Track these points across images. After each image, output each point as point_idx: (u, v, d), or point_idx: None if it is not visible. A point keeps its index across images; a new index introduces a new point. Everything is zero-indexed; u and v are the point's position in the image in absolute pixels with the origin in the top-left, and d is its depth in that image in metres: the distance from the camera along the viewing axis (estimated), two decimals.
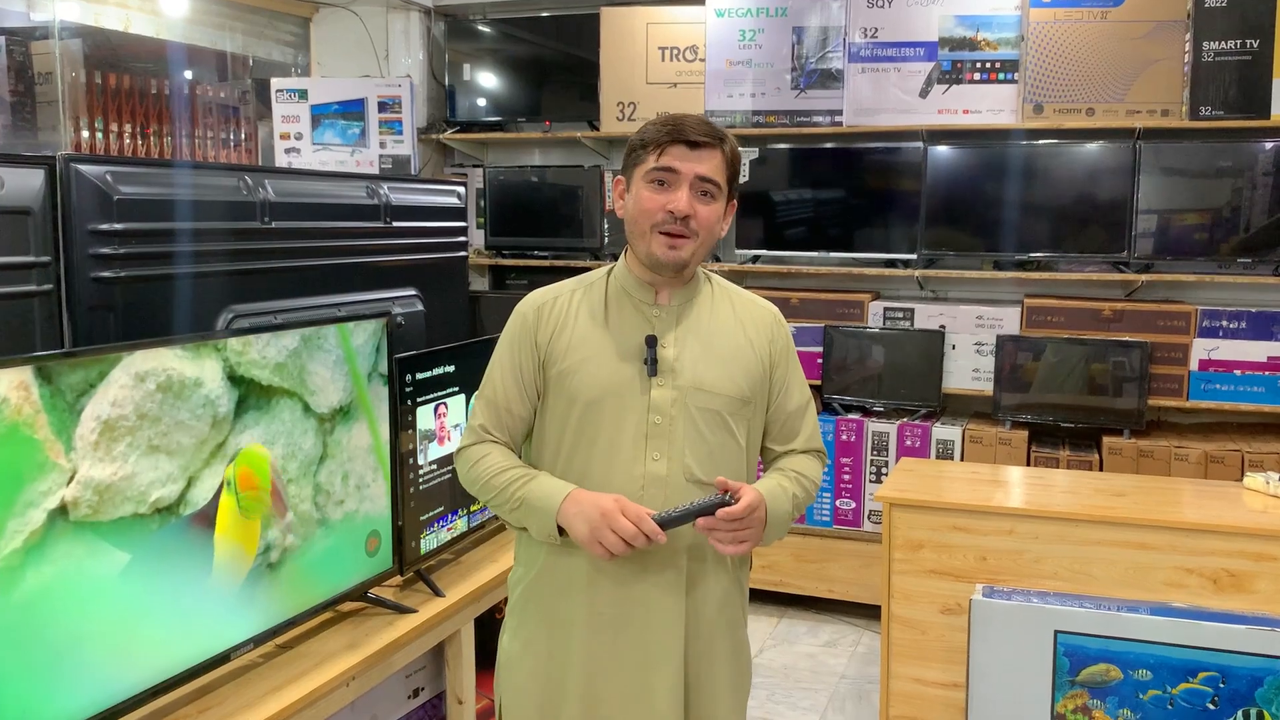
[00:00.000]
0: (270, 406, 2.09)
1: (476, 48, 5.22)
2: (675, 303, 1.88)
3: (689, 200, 1.78)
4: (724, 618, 1.92)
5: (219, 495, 1.96)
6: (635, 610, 1.83)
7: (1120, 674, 2.84)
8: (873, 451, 4.42)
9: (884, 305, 4.54)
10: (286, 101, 5.07)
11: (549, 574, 1.87)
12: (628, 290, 1.89)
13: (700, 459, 1.83)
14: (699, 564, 1.87)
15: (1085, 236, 4.29)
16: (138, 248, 2.08)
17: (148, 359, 1.82)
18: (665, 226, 1.79)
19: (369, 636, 2.22)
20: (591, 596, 1.83)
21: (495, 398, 1.89)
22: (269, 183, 2.42)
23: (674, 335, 1.86)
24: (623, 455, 1.81)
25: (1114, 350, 4.19)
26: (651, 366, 1.82)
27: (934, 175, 4.42)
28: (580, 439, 1.83)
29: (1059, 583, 3.13)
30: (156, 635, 1.85)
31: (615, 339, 1.85)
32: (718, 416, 1.85)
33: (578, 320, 1.86)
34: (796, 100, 4.60)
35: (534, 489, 1.80)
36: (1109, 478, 3.57)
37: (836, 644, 4.28)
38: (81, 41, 4.90)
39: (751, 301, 1.99)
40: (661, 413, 1.82)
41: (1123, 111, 4.20)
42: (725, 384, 1.86)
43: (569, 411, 1.83)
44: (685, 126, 1.79)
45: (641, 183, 1.81)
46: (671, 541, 1.82)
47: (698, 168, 1.78)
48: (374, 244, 2.77)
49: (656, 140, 1.79)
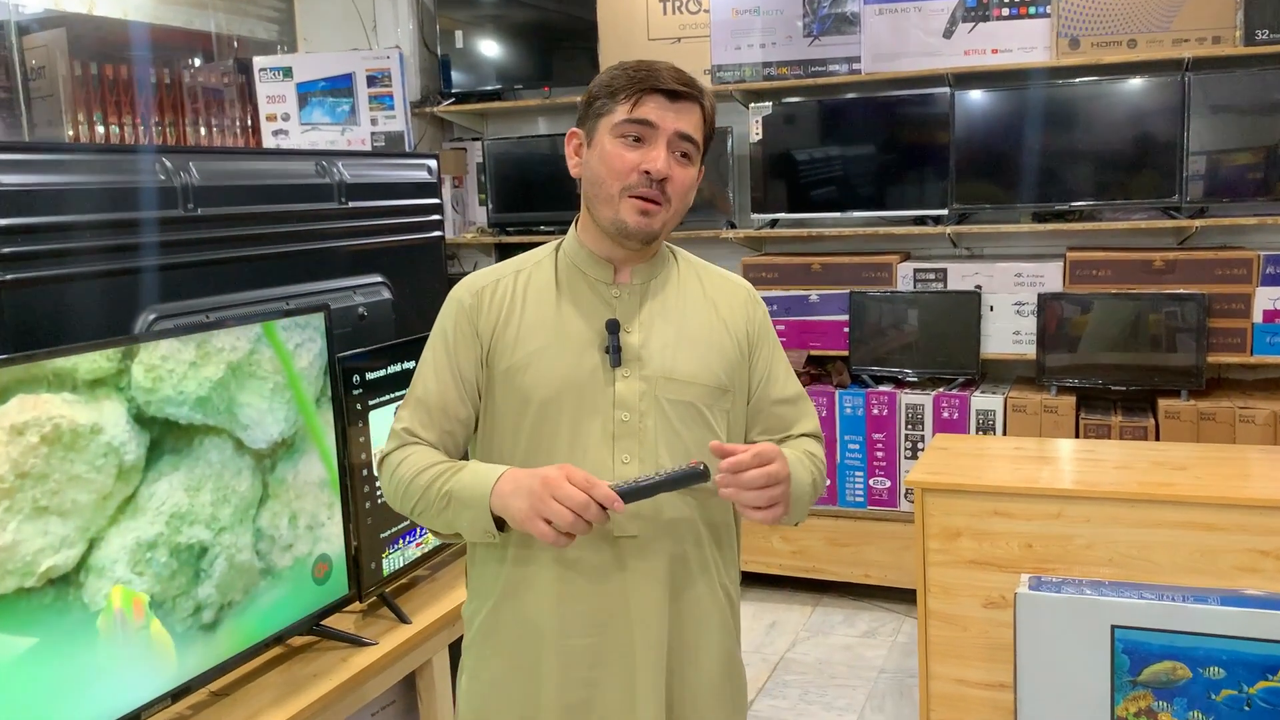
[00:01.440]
0: (192, 448, 1.84)
1: (469, 13, 4.92)
2: (638, 281, 1.62)
3: (667, 159, 1.52)
4: (715, 639, 1.66)
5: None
6: (612, 638, 1.57)
7: (1189, 672, 2.54)
8: (907, 425, 4.10)
9: (914, 266, 4.21)
10: (271, 81, 4.81)
11: (508, 603, 1.60)
12: (581, 268, 1.61)
13: (677, 458, 1.57)
14: (684, 572, 1.61)
15: (1131, 181, 3.93)
16: (25, 246, 1.82)
17: (26, 407, 1.57)
18: (638, 189, 1.52)
19: (318, 677, 1.96)
20: (561, 625, 1.57)
21: (428, 398, 1.61)
22: (194, 164, 2.15)
23: (638, 319, 1.59)
24: (587, 460, 1.54)
25: (1168, 304, 3.83)
26: (615, 355, 1.55)
27: (963, 122, 4.07)
28: (537, 444, 1.57)
29: (1115, 571, 2.82)
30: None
31: (571, 326, 1.58)
32: (693, 409, 1.59)
33: (525, 306, 1.60)
34: (810, 49, 4.25)
35: (462, 477, 1.52)
36: (1167, 448, 3.23)
37: (875, 633, 3.99)
38: (65, 31, 4.69)
39: (722, 278, 1.72)
40: (629, 408, 1.56)
41: (1168, 41, 3.82)
42: (700, 372, 1.60)
43: (522, 413, 1.57)
44: (661, 73, 1.52)
45: (609, 137, 1.53)
46: (650, 549, 1.56)
47: (678, 123, 1.53)
48: (327, 227, 2.49)
49: (628, 88, 1.52)
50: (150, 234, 2.04)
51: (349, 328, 2.48)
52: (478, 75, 4.92)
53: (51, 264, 1.87)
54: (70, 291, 1.90)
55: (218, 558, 1.90)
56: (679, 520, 1.58)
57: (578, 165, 1.60)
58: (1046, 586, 2.68)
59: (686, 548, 1.60)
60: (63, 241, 1.88)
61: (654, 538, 1.56)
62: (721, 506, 1.64)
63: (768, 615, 4.18)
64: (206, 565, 1.88)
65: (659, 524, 1.56)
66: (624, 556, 1.56)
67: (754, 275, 4.40)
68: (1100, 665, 2.62)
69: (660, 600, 1.58)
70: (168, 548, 1.80)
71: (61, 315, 1.89)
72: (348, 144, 4.82)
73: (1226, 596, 2.52)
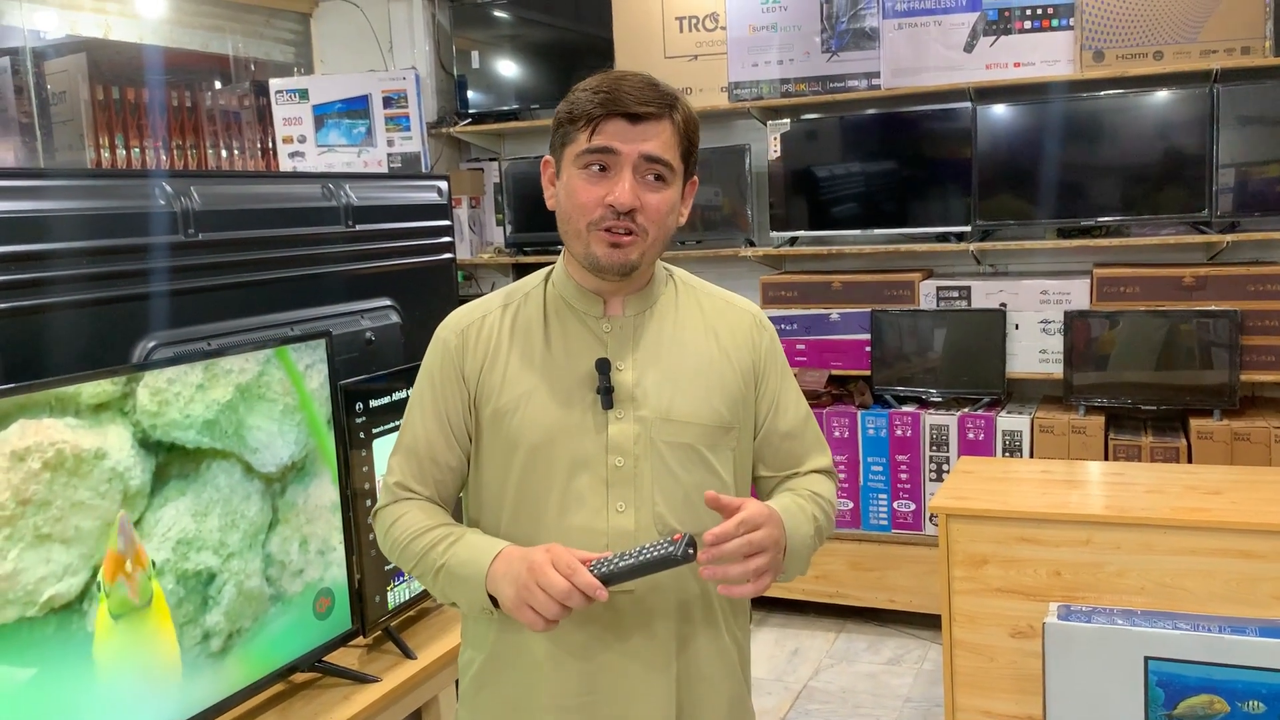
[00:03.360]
0: (199, 473, 1.80)
1: (486, 33, 4.89)
2: (630, 313, 1.51)
3: (632, 189, 1.40)
4: (723, 690, 1.57)
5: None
6: (611, 697, 1.48)
7: (1226, 706, 2.45)
8: (932, 447, 4.01)
9: (937, 284, 4.13)
10: (287, 103, 4.80)
11: (502, 655, 1.52)
12: (569, 302, 1.52)
13: (675, 505, 1.48)
14: (688, 626, 1.52)
15: (1159, 196, 3.84)
16: (20, 274, 1.77)
17: (28, 433, 1.52)
18: (605, 223, 1.42)
19: (319, 716, 1.90)
20: (556, 682, 1.49)
21: (416, 446, 1.52)
22: (195, 189, 2.10)
23: (632, 355, 1.49)
24: (580, 509, 1.46)
25: (1199, 321, 3.73)
26: (606, 397, 1.46)
27: (986, 137, 3.99)
28: (525, 492, 1.48)
29: (1147, 599, 2.73)
30: None
31: (560, 365, 1.49)
32: (692, 451, 1.49)
33: (512, 344, 1.51)
34: (828, 64, 4.19)
35: (458, 551, 1.44)
36: (1201, 471, 3.13)
37: (900, 661, 3.89)
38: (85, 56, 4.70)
39: (725, 303, 1.60)
40: (623, 453, 1.46)
41: (1196, 53, 3.73)
42: (699, 410, 1.50)
43: (509, 460, 1.48)
44: (622, 93, 1.40)
45: (573, 168, 1.43)
46: (651, 603, 1.47)
47: (642, 146, 1.40)
48: (333, 251, 2.44)
49: (588, 112, 1.41)
50: (151, 260, 2.00)
51: (356, 352, 2.43)
52: (494, 95, 4.89)
53: (48, 291, 1.82)
54: (68, 319, 1.86)
55: (226, 584, 1.85)
56: (679, 571, 1.48)
57: (552, 196, 1.50)
58: (1076, 616, 2.59)
59: (690, 599, 1.51)
60: (60, 269, 1.84)
61: (652, 592, 1.46)
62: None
63: (790, 642, 4.09)
64: (214, 592, 1.83)
65: (657, 577, 1.45)
66: (621, 617, 1.46)
67: (773, 294, 4.33)
68: (1134, 698, 2.52)
69: (663, 662, 1.49)
70: (174, 574, 1.75)
71: (59, 343, 1.84)
72: (364, 165, 4.80)
73: (1265, 627, 2.42)
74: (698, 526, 1.48)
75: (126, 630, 1.67)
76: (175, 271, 2.05)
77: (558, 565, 1.33)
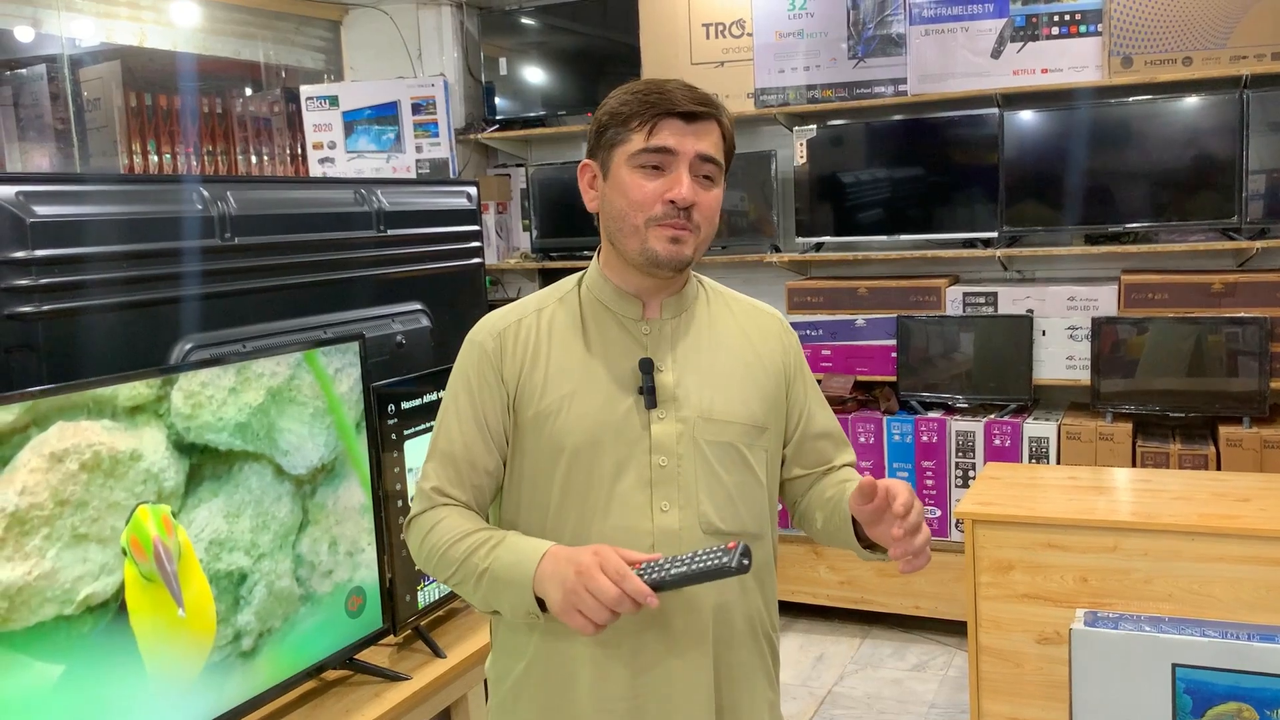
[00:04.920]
0: (231, 475, 1.83)
1: (513, 40, 4.93)
2: (668, 315, 1.54)
3: (691, 185, 1.44)
4: (760, 696, 1.58)
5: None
6: (653, 698, 1.49)
7: (1255, 714, 2.41)
8: (958, 453, 4.01)
9: (963, 290, 4.12)
10: (317, 109, 4.85)
11: (544, 664, 1.52)
12: (607, 304, 1.54)
13: (719, 505, 1.49)
14: (726, 630, 1.53)
15: (1188, 203, 3.82)
16: (61, 277, 1.81)
17: (66, 435, 1.56)
18: (665, 220, 1.44)
19: (351, 713, 1.93)
20: (601, 688, 1.49)
21: (453, 450, 1.51)
22: (231, 194, 2.14)
23: (672, 356, 1.51)
24: (624, 510, 1.47)
25: (1228, 328, 3.71)
26: (650, 397, 1.47)
27: (1013, 143, 3.99)
28: (569, 495, 1.49)
29: (1175, 606, 2.71)
30: None
31: (601, 367, 1.50)
32: (733, 450, 1.51)
33: (551, 346, 1.52)
34: (855, 70, 4.20)
35: (501, 554, 1.43)
36: (1229, 478, 3.12)
37: (925, 667, 3.89)
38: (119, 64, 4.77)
39: (753, 307, 1.64)
40: (667, 452, 1.48)
41: (1225, 58, 3.72)
42: (738, 410, 1.52)
43: (555, 461, 1.49)
44: (676, 95, 1.44)
45: (627, 168, 1.45)
46: (691, 605, 1.47)
47: (698, 145, 1.44)
48: (365, 256, 2.48)
49: (643, 114, 1.44)
50: (187, 263, 2.04)
51: (387, 355, 2.46)
52: (522, 102, 4.92)
53: (88, 294, 1.86)
54: (107, 321, 1.90)
55: (257, 584, 1.88)
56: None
57: (595, 199, 1.52)
58: (1103, 622, 2.57)
59: (729, 601, 1.52)
60: (99, 272, 1.88)
61: (693, 594, 1.46)
62: (763, 545, 1.56)
63: (815, 647, 4.09)
64: (246, 592, 1.86)
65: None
66: (662, 619, 1.46)
67: (799, 299, 4.34)
68: (1161, 706, 2.51)
69: (704, 663, 1.49)
70: (207, 575, 1.79)
71: (98, 345, 1.88)
72: (393, 171, 4.84)
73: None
74: (739, 526, 1.50)
75: (162, 629, 1.70)
76: (211, 275, 2.09)
77: (606, 569, 1.31)
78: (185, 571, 1.74)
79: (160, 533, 1.70)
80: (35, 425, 1.53)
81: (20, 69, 4.50)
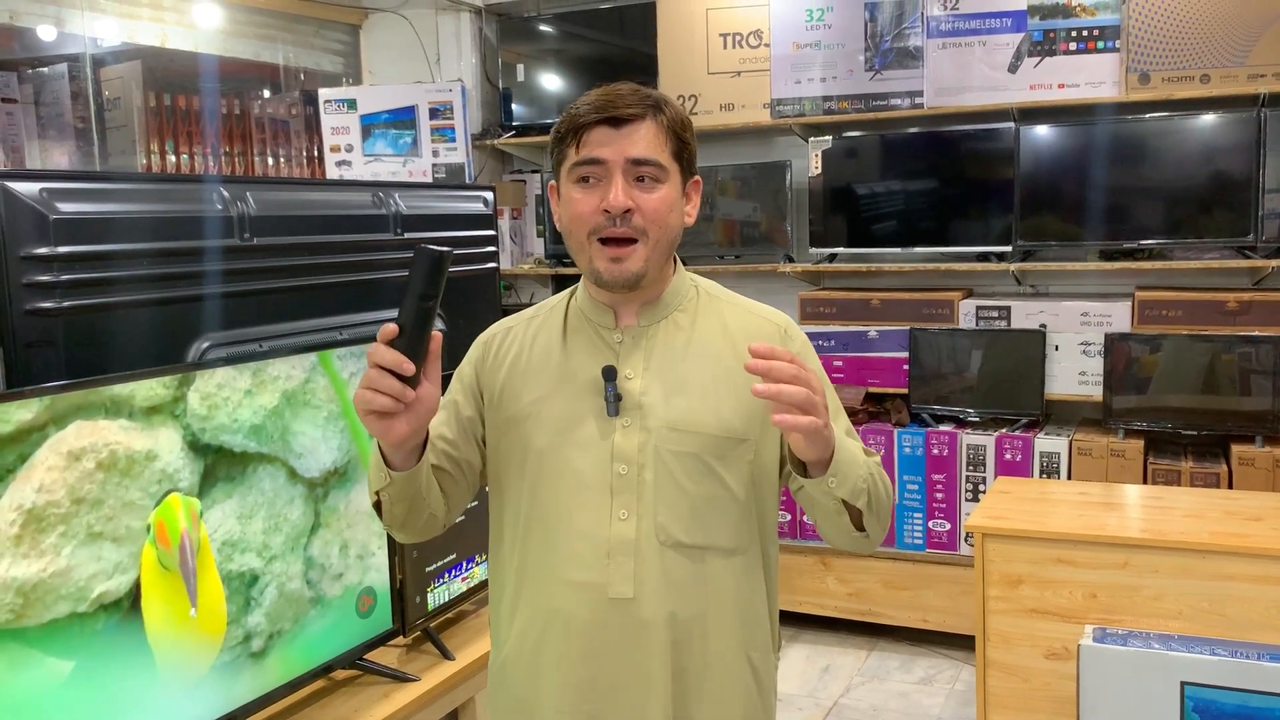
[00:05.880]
0: (245, 476, 1.85)
1: (531, 47, 4.96)
2: (644, 323, 1.53)
3: (625, 190, 1.41)
4: (738, 714, 1.54)
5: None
6: (609, 706, 1.49)
7: None
8: (968, 467, 4.00)
9: (976, 304, 4.12)
10: (335, 112, 4.87)
11: (514, 656, 1.54)
12: (587, 314, 1.55)
13: (680, 516, 1.47)
14: (686, 639, 1.48)
15: (1203, 220, 3.81)
16: (82, 274, 1.83)
17: (83, 433, 1.57)
18: (604, 231, 1.44)
19: (359, 713, 1.94)
20: (560, 687, 1.49)
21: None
22: (251, 194, 2.16)
23: (641, 364, 1.50)
24: (585, 514, 1.47)
25: (1242, 346, 3.70)
26: (612, 405, 1.47)
27: (1028, 158, 3.99)
28: (537, 497, 1.50)
29: (1184, 624, 2.71)
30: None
31: (571, 373, 1.51)
32: (699, 462, 1.48)
33: (532, 354, 1.55)
34: (871, 82, 4.21)
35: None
36: (1241, 497, 3.11)
37: (932, 681, 3.88)
38: (140, 63, 4.80)
39: (749, 313, 1.59)
40: (627, 460, 1.47)
41: (1243, 76, 3.71)
42: (707, 420, 1.48)
43: (524, 461, 1.51)
44: (604, 100, 1.43)
45: (568, 183, 1.46)
46: (645, 614, 1.45)
47: (628, 150, 1.42)
48: (382, 258, 2.49)
49: (571, 129, 1.44)
50: (206, 263, 2.05)
51: None
52: (538, 108, 4.94)
53: (109, 291, 1.88)
54: (126, 318, 1.91)
55: (268, 586, 1.89)
56: (684, 582, 1.47)
57: (558, 218, 1.52)
58: (1112, 639, 2.57)
59: (693, 612, 1.48)
60: (120, 269, 1.90)
61: (647, 602, 1.45)
62: (743, 560, 1.52)
63: (822, 658, 4.09)
64: (257, 593, 1.87)
65: (659, 584, 1.45)
66: (618, 625, 1.46)
67: (812, 310, 4.34)
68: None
69: (660, 674, 1.47)
70: (219, 575, 1.79)
71: (117, 342, 1.90)
72: (409, 175, 4.86)
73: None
74: (705, 539, 1.49)
75: (173, 618, 1.71)
76: (230, 274, 2.10)
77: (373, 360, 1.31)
78: (202, 568, 1.76)
79: (189, 525, 1.71)
80: (54, 424, 1.54)
81: (42, 67, 4.53)
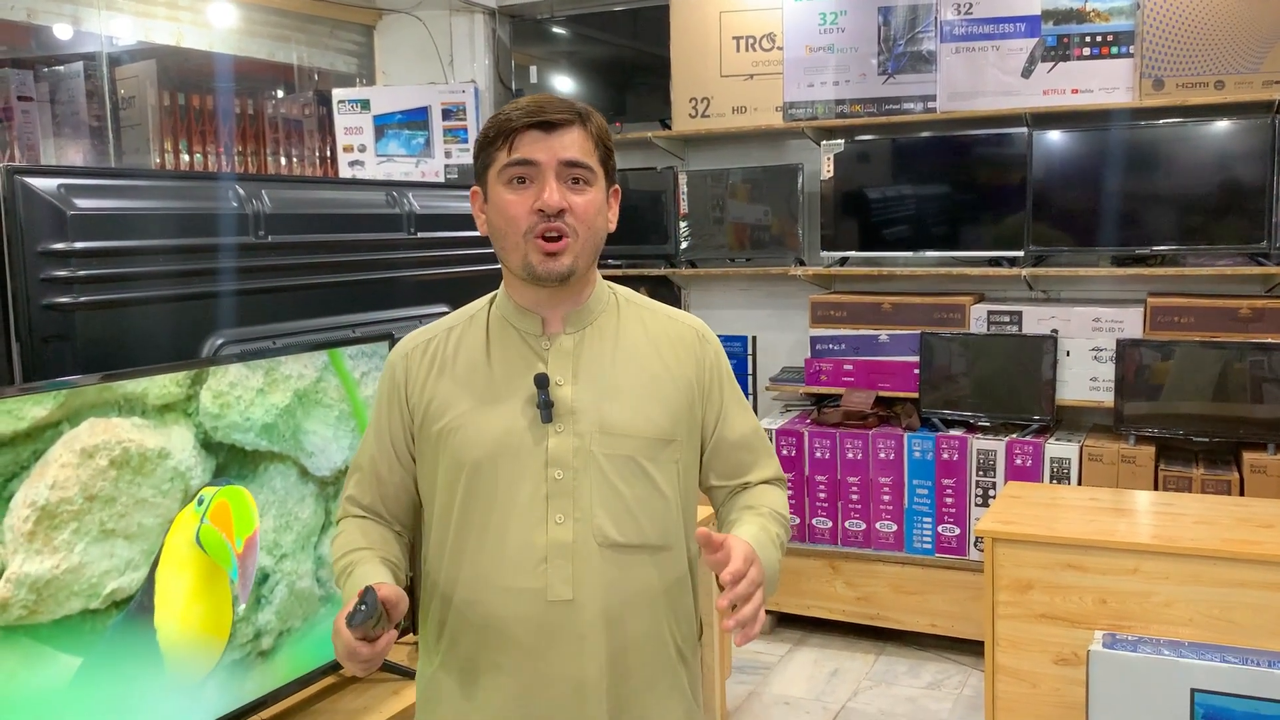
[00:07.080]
0: (256, 474, 1.86)
1: (544, 49, 4.97)
2: (570, 329, 1.55)
3: (559, 191, 1.46)
4: (671, 706, 1.56)
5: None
6: (544, 713, 1.50)
7: None
8: (978, 472, 3.99)
9: (988, 308, 4.12)
10: (349, 113, 4.89)
11: (448, 667, 1.55)
12: (511, 321, 1.56)
13: (616, 517, 1.50)
14: (622, 648, 1.51)
15: (1216, 227, 3.80)
16: (98, 269, 1.84)
17: (97, 430, 1.59)
18: (538, 229, 1.47)
19: (369, 710, 1.94)
20: (494, 696, 1.51)
21: (362, 463, 1.62)
22: (266, 192, 2.17)
23: (571, 370, 1.53)
24: (521, 522, 1.49)
25: (1254, 354, 3.69)
26: (545, 411, 1.49)
27: (1041, 163, 3.99)
28: (471, 508, 1.51)
29: (1194, 631, 2.70)
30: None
31: (500, 383, 1.53)
32: (632, 464, 1.51)
33: (456, 365, 1.55)
34: (884, 86, 4.21)
35: (346, 589, 1.52)
36: (1252, 504, 3.10)
37: (940, 686, 3.87)
38: (154, 63, 4.83)
39: (668, 319, 1.63)
40: (562, 466, 1.49)
41: (1258, 83, 3.71)
42: (639, 423, 1.52)
43: (456, 477, 1.52)
44: (530, 108, 1.48)
45: (498, 186, 1.49)
46: (576, 618, 1.48)
47: (561, 152, 1.47)
48: (395, 257, 2.50)
49: (504, 129, 1.48)
50: (221, 260, 2.06)
51: None
52: None
53: (125, 287, 1.89)
54: (141, 314, 1.93)
55: (278, 584, 1.90)
56: (620, 581, 1.50)
57: (483, 222, 1.55)
58: (1122, 645, 2.57)
59: (629, 610, 1.51)
60: (136, 265, 1.91)
61: (589, 599, 1.48)
62: (672, 558, 1.56)
63: (829, 663, 4.09)
64: (267, 592, 1.88)
65: (597, 585, 1.48)
66: (550, 631, 1.48)
67: (823, 313, 4.34)
68: None
69: (597, 688, 1.49)
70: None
71: (132, 338, 1.91)
72: (421, 176, 4.88)
73: None
74: (640, 539, 1.51)
75: (184, 624, 1.72)
76: (245, 272, 2.11)
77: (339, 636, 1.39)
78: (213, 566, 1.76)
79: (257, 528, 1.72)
80: (67, 421, 1.55)
81: (58, 66, 4.55)
